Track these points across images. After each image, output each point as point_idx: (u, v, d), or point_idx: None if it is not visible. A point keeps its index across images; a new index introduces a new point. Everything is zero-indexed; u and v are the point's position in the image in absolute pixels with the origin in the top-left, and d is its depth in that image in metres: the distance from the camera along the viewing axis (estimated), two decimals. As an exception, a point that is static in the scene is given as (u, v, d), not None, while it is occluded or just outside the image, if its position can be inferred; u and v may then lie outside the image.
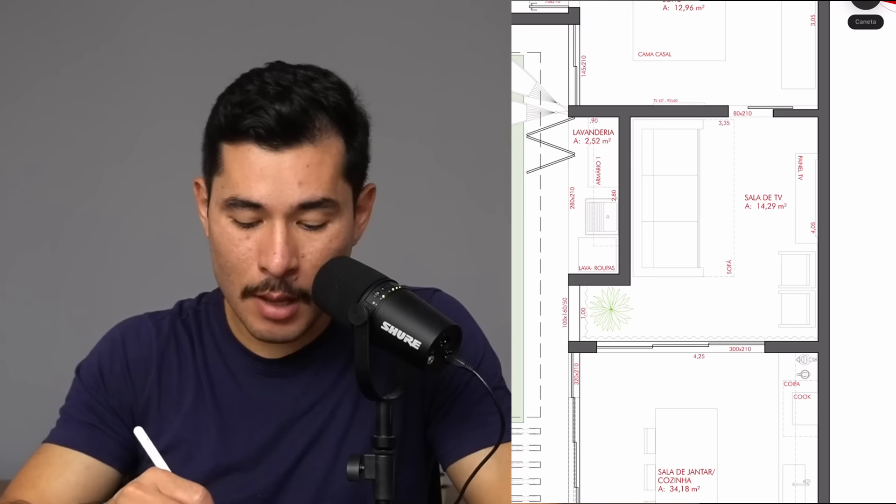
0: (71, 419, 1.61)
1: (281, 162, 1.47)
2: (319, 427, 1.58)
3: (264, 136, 1.47)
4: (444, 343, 1.38)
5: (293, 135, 1.47)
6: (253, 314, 1.52)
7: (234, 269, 1.51)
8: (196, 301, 1.67)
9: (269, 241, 1.48)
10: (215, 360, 1.61)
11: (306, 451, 1.57)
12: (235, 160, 1.49)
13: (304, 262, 1.49)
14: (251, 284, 1.50)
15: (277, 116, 1.46)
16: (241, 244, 1.50)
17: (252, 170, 1.48)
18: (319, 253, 1.50)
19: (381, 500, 1.39)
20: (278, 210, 1.47)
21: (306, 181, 1.48)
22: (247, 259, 1.50)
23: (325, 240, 1.50)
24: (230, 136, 1.49)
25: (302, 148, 1.48)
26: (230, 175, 1.49)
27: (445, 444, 1.59)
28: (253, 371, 1.60)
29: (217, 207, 1.52)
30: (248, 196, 1.48)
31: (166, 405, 1.59)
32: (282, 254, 1.47)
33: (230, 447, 1.58)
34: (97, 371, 1.62)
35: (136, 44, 3.20)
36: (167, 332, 1.63)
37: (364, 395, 1.40)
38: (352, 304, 1.39)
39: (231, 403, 1.59)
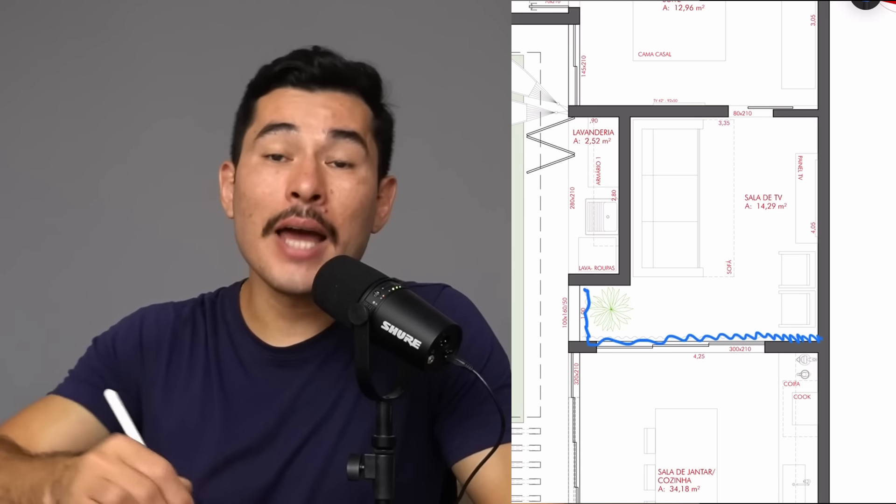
0: (77, 379, 1.64)
1: (314, 98, 1.54)
2: (320, 417, 1.59)
3: (303, 78, 1.54)
4: (444, 343, 1.38)
5: (329, 80, 1.55)
6: (273, 255, 1.52)
7: (260, 202, 1.52)
8: (214, 294, 1.70)
9: (299, 168, 1.51)
10: (227, 349, 1.63)
11: (306, 441, 1.58)
12: (270, 101, 1.56)
13: (333, 196, 1.52)
14: (274, 214, 1.51)
15: (319, 65, 1.55)
16: (270, 177, 1.52)
17: (286, 101, 1.54)
18: (347, 193, 1.53)
19: (381, 499, 1.39)
20: (310, 139, 1.52)
21: (338, 114, 1.54)
22: (274, 191, 1.52)
23: (353, 181, 1.54)
24: (265, 87, 1.57)
25: (335, 92, 1.56)
26: (263, 113, 1.55)
27: (450, 443, 1.60)
28: (262, 360, 1.61)
29: (248, 151, 1.56)
30: (280, 119, 1.53)
31: (173, 386, 1.62)
32: (314, 175, 1.50)
33: (234, 434, 1.59)
34: (111, 343, 1.65)
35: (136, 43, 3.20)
36: (186, 317, 1.66)
37: (364, 394, 1.41)
38: (352, 303, 1.39)
39: (237, 391, 1.61)
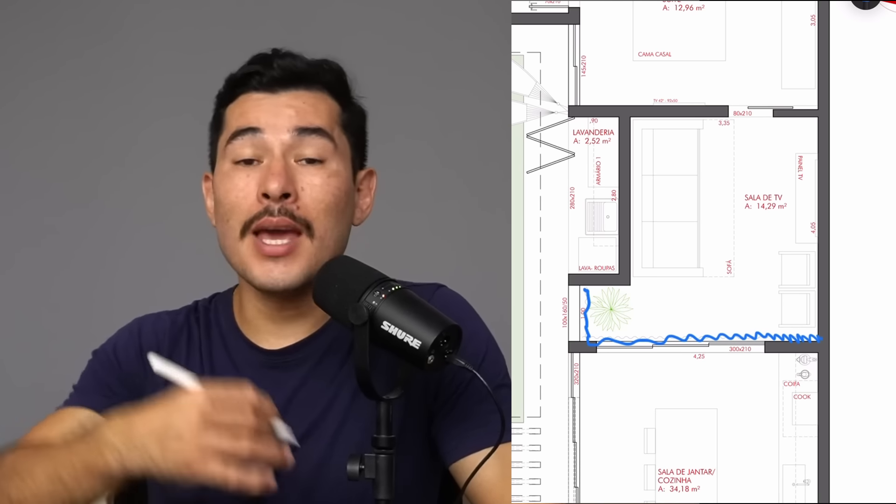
0: (83, 389, 1.64)
1: (278, 100, 1.56)
2: (315, 417, 1.59)
3: (264, 82, 1.56)
4: (444, 343, 1.38)
5: (291, 81, 1.56)
6: (252, 256, 1.54)
7: (234, 207, 1.55)
8: (208, 300, 1.70)
9: (268, 169, 1.53)
10: (220, 353, 1.63)
11: (303, 440, 1.58)
12: (236, 108, 1.58)
13: (304, 194, 1.54)
14: (249, 217, 1.54)
15: (279, 67, 1.56)
16: (242, 181, 1.55)
17: (250, 106, 1.56)
18: (318, 187, 1.54)
19: (381, 499, 1.39)
20: (276, 140, 1.54)
21: (303, 111, 1.56)
22: (247, 195, 1.54)
23: (323, 175, 1.55)
24: (231, 94, 1.59)
25: (298, 91, 1.57)
26: (230, 120, 1.58)
27: (447, 443, 1.60)
28: (255, 363, 1.61)
29: (221, 159, 1.58)
30: (246, 123, 1.55)
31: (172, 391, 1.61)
32: (280, 174, 1.52)
33: None
34: (112, 353, 1.66)
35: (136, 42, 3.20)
36: (181, 325, 1.67)
37: (364, 394, 1.41)
38: (352, 303, 1.39)
39: None
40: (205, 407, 1.34)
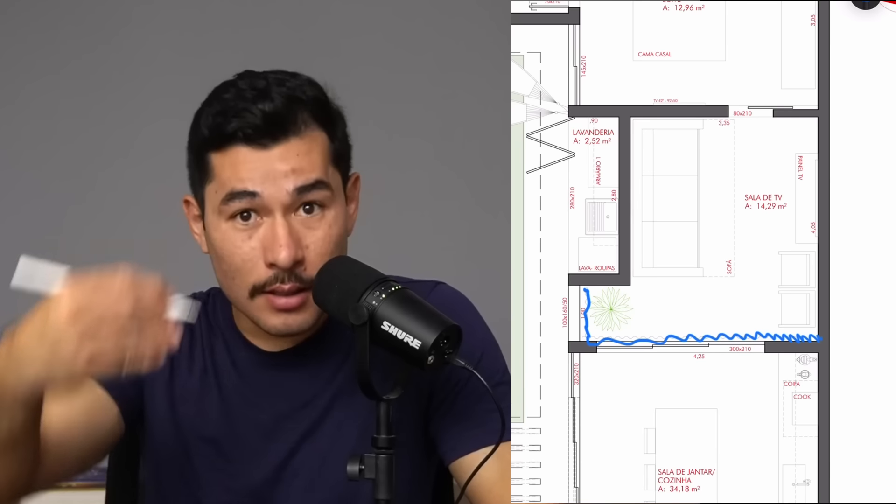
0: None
1: (271, 157, 1.51)
2: (315, 420, 1.59)
3: (252, 135, 1.50)
4: (444, 343, 1.38)
5: (280, 130, 1.51)
6: (265, 310, 1.53)
7: (240, 270, 1.53)
8: (206, 294, 1.69)
9: (273, 236, 1.50)
10: (221, 350, 1.63)
11: (301, 443, 1.58)
12: (226, 163, 1.52)
13: (309, 252, 1.52)
14: (259, 282, 1.52)
15: (262, 115, 1.50)
16: (245, 244, 1.52)
17: (244, 167, 1.51)
18: (322, 241, 1.52)
19: (381, 499, 1.39)
20: (276, 202, 1.50)
21: (298, 168, 1.51)
22: (252, 259, 1.52)
23: (325, 227, 1.53)
24: (217, 144, 1.53)
25: (289, 142, 1.52)
26: (222, 176, 1.52)
27: (446, 443, 1.59)
28: (255, 363, 1.61)
29: (214, 214, 1.54)
30: (243, 187, 1.51)
31: (174, 387, 1.62)
32: (288, 245, 1.49)
33: (230, 434, 1.59)
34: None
35: (136, 43, 3.20)
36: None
37: (364, 394, 1.41)
38: (352, 303, 1.39)
39: (232, 392, 1.60)
40: (71, 307, 1.27)
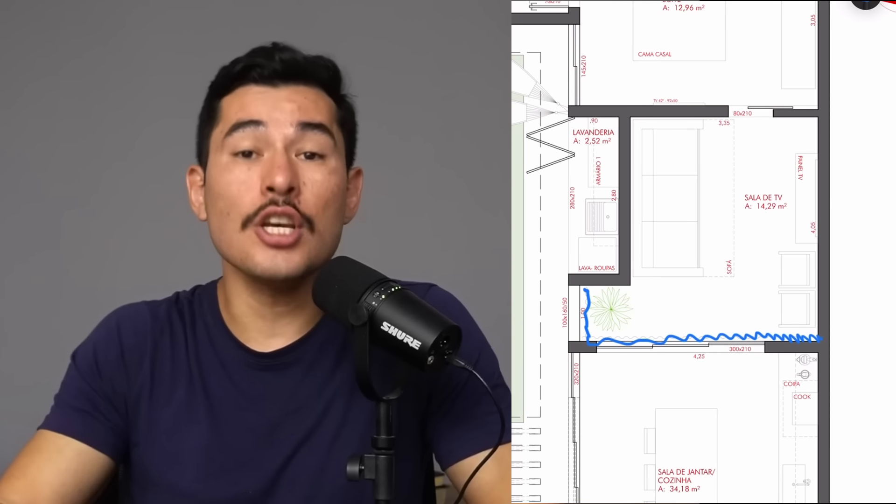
0: (65, 405, 1.60)
1: (278, 94, 1.56)
2: (312, 424, 1.58)
3: (265, 74, 1.55)
4: (443, 343, 1.38)
5: (291, 74, 1.56)
6: (254, 244, 1.53)
7: (236, 200, 1.53)
8: (190, 293, 1.67)
9: (272, 162, 1.52)
10: (207, 351, 1.61)
11: (299, 449, 1.57)
12: (234, 100, 1.56)
13: (305, 188, 1.53)
14: (252, 209, 1.52)
15: (280, 60, 1.56)
16: (243, 174, 1.53)
17: (251, 98, 1.55)
18: (320, 183, 1.54)
19: (381, 500, 1.39)
20: (278, 133, 1.53)
21: (304, 107, 1.55)
22: (249, 187, 1.53)
23: (324, 171, 1.55)
24: (228, 87, 1.57)
25: (298, 86, 1.56)
26: (228, 113, 1.56)
27: (444, 446, 1.59)
28: (244, 364, 1.59)
29: (217, 152, 1.56)
30: (248, 116, 1.54)
31: (158, 395, 1.59)
32: (287, 169, 1.51)
33: (223, 442, 1.57)
34: (92, 358, 1.62)
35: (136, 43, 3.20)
36: (163, 320, 1.63)
37: (364, 395, 1.40)
38: (352, 304, 1.39)
39: (222, 396, 1.59)
40: None
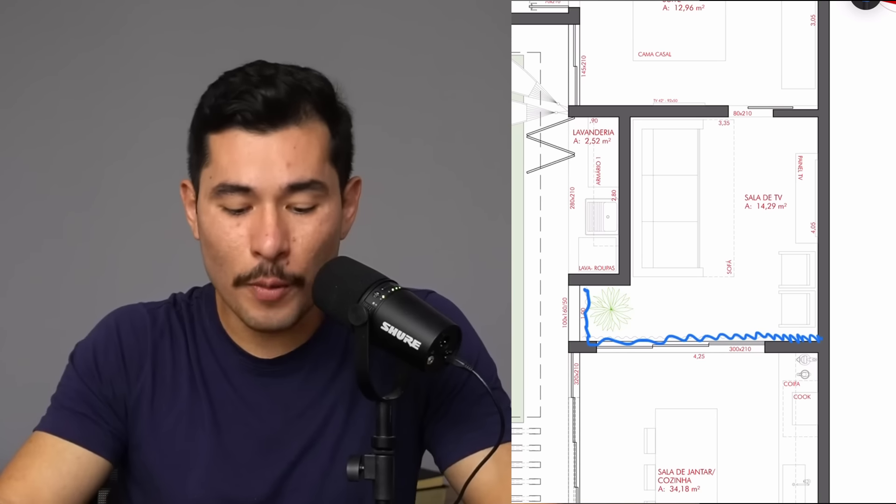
0: (63, 408, 1.59)
1: (268, 145, 1.50)
2: (314, 431, 1.57)
3: (251, 119, 1.49)
4: (443, 343, 1.38)
5: (279, 117, 1.50)
6: (247, 300, 1.52)
7: (226, 257, 1.51)
8: (188, 295, 1.66)
9: (261, 225, 1.49)
10: (208, 357, 1.60)
11: (301, 455, 1.57)
12: (223, 147, 1.51)
13: (296, 245, 1.50)
14: (244, 272, 1.50)
15: (263, 100, 1.49)
16: (232, 231, 1.51)
17: (240, 154, 1.50)
18: (310, 236, 1.51)
19: (381, 500, 1.39)
20: (268, 193, 1.49)
21: (294, 163, 1.50)
22: (238, 246, 1.51)
23: (315, 223, 1.51)
24: (216, 125, 1.52)
25: (288, 130, 1.50)
26: (218, 162, 1.51)
27: (443, 446, 1.59)
28: (245, 370, 1.59)
29: (206, 198, 1.53)
30: (237, 180, 1.49)
31: (160, 398, 1.59)
32: (273, 235, 1.48)
33: (225, 448, 1.57)
34: (92, 359, 1.60)
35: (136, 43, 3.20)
36: (162, 323, 1.62)
37: (364, 395, 1.40)
38: (351, 304, 1.39)
39: (224, 402, 1.58)
40: None
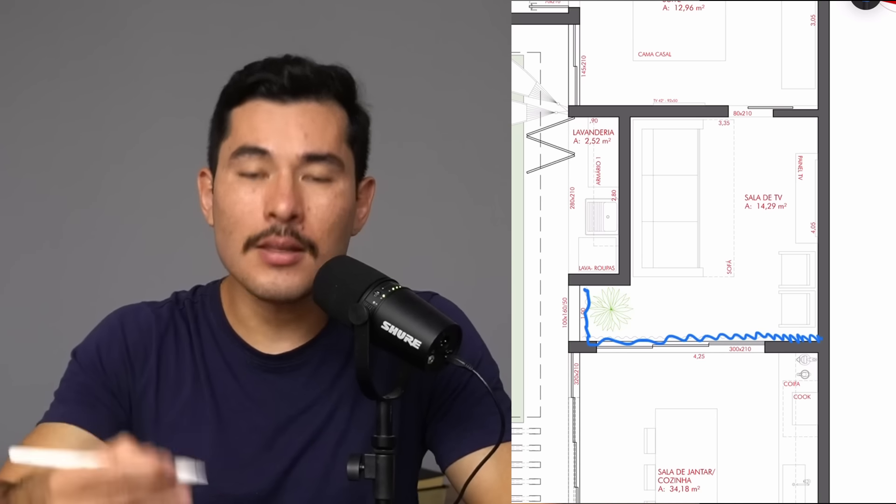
0: (66, 399, 1.59)
1: (287, 113, 1.54)
2: (317, 427, 1.58)
3: (274, 90, 1.54)
4: (444, 343, 1.38)
5: (302, 90, 1.54)
6: (255, 266, 1.52)
7: (239, 221, 1.53)
8: (191, 293, 1.66)
9: (276, 188, 1.51)
10: (212, 352, 1.60)
11: (304, 451, 1.57)
12: (244, 117, 1.55)
13: (310, 213, 1.52)
14: (254, 234, 1.52)
15: (289, 75, 1.54)
16: (247, 196, 1.53)
17: (259, 119, 1.54)
18: (325, 208, 1.53)
19: (382, 499, 1.39)
20: (284, 160, 1.52)
21: (312, 134, 1.53)
22: (252, 210, 1.52)
23: (330, 195, 1.54)
24: (238, 98, 1.56)
25: (309, 103, 1.55)
26: (238, 130, 1.55)
27: (444, 445, 1.59)
28: (250, 365, 1.59)
29: (224, 168, 1.56)
30: (255, 143, 1.53)
31: (164, 392, 1.59)
32: (289, 196, 1.50)
33: (228, 442, 1.57)
34: (95, 354, 1.61)
35: (136, 43, 3.20)
36: (166, 320, 1.62)
37: (364, 394, 1.40)
38: (352, 303, 1.39)
39: (227, 397, 1.58)
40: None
